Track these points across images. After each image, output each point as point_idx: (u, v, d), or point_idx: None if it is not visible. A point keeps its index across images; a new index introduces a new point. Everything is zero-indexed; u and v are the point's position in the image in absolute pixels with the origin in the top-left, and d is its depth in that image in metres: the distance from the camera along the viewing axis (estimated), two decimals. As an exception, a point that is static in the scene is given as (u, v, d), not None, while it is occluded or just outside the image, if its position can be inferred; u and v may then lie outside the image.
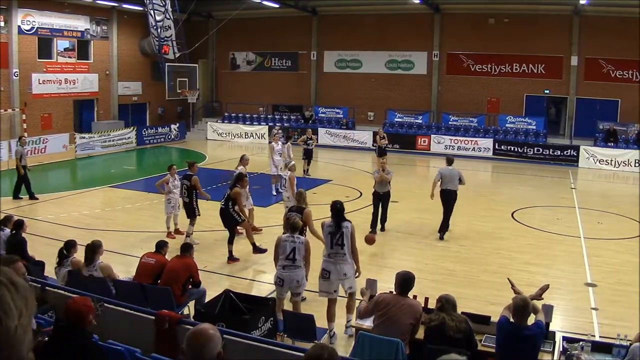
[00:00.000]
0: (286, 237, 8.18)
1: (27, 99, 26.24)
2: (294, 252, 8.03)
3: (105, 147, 26.48)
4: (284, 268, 8.08)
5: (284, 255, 8.07)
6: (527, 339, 5.59)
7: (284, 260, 8.07)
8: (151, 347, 5.61)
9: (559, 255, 12.48)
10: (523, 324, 5.66)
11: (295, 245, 8.05)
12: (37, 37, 26.75)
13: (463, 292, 9.46)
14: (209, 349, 3.26)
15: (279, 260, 8.13)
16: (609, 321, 8.78)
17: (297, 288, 8.13)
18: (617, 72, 26.62)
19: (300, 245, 8.06)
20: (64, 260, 8.52)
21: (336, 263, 8.16)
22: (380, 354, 5.97)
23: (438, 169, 13.67)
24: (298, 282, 8.08)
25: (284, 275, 8.07)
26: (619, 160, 24.15)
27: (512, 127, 27.81)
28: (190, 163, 13.22)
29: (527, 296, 5.97)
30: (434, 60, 29.91)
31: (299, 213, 9.40)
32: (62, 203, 16.51)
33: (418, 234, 13.78)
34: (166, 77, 28.58)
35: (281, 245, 8.12)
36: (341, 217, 8.27)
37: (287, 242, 8.10)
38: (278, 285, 8.20)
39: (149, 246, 9.44)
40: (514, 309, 5.68)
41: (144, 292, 7.83)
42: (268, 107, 33.21)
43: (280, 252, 8.12)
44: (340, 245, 8.14)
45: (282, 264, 8.09)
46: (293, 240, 8.10)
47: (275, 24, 32.41)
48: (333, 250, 8.18)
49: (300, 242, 8.11)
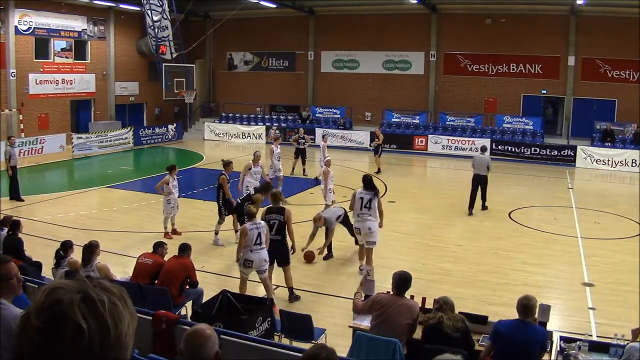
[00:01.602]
0: (250, 225, 9.10)
1: (24, 99, 26.18)
2: (260, 236, 9.07)
3: (103, 148, 26.42)
4: (253, 251, 9.04)
5: (252, 241, 9.02)
6: (530, 335, 5.59)
7: (252, 245, 9.02)
8: (148, 347, 5.61)
9: (556, 255, 12.49)
10: (527, 320, 5.67)
11: (259, 230, 9.09)
12: (34, 37, 26.67)
13: (460, 292, 9.47)
14: (207, 349, 3.27)
15: (249, 246, 9.02)
16: (606, 321, 8.79)
17: (263, 266, 9.16)
18: (614, 72, 26.66)
19: (262, 228, 9.13)
20: (61, 260, 8.52)
21: (364, 221, 10.43)
22: (377, 354, 5.97)
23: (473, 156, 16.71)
24: (266, 261, 9.17)
25: (254, 257, 9.05)
26: (616, 160, 24.18)
27: (509, 127, 27.83)
28: (225, 163, 13.11)
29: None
30: (431, 61, 29.93)
31: (280, 214, 9.52)
32: (59, 203, 16.48)
33: (415, 234, 13.80)
34: (163, 77, 28.54)
35: (249, 234, 9.02)
36: (372, 186, 10.53)
37: (253, 229, 9.07)
38: (247, 267, 9.18)
39: (146, 247, 9.43)
40: (519, 306, 5.68)
41: (141, 293, 7.82)
42: (265, 108, 33.18)
43: (248, 240, 9.01)
44: (367, 208, 10.39)
45: (251, 248, 9.03)
46: (257, 227, 9.11)
47: (272, 24, 32.41)
48: (362, 211, 10.44)
49: (262, 225, 9.19)
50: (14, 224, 9.55)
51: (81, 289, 1.33)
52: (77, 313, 1.28)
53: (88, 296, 1.32)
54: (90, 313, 1.30)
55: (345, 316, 8.23)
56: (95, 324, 1.29)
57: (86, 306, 1.30)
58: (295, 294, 9.61)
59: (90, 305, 1.31)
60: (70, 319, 1.27)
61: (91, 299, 1.32)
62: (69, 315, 1.28)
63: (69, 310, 1.28)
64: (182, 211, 13.57)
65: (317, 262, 11.74)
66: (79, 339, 1.27)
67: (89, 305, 1.31)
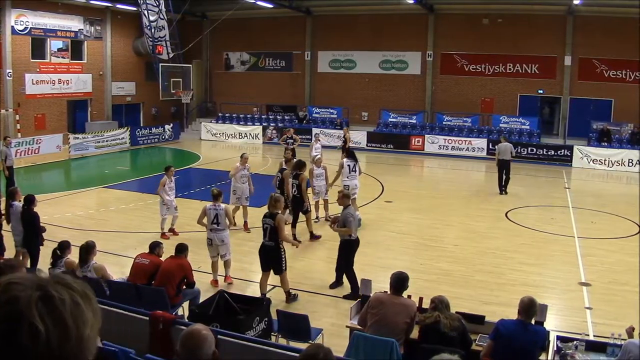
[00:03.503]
0: (210, 206, 10.12)
1: (20, 100, 26.15)
2: (217, 217, 9.99)
3: (99, 148, 26.39)
4: (212, 230, 10.07)
5: (209, 220, 10.02)
6: (531, 336, 5.60)
7: (210, 224, 10.03)
8: (145, 347, 5.60)
9: (553, 254, 12.51)
10: (528, 321, 5.68)
11: (217, 211, 10.03)
12: (31, 38, 26.64)
13: (458, 292, 9.48)
14: (204, 350, 3.26)
15: (207, 225, 10.08)
16: (603, 320, 8.80)
17: (222, 247, 10.11)
18: (610, 72, 26.71)
19: (221, 211, 10.03)
20: (57, 260, 8.51)
21: (352, 179, 14.08)
22: (375, 354, 5.97)
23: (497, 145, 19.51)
24: (223, 241, 10.09)
25: (212, 236, 10.08)
26: (613, 160, 24.22)
27: (506, 127, 27.85)
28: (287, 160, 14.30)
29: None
30: (428, 60, 29.95)
31: (272, 218, 9.22)
32: (56, 204, 16.43)
33: (413, 234, 13.80)
34: (160, 77, 28.49)
35: (207, 213, 10.06)
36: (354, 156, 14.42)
37: (211, 210, 10.07)
38: (208, 245, 10.20)
39: (143, 247, 9.42)
40: (521, 306, 5.69)
41: (138, 293, 7.81)
42: (262, 108, 33.18)
43: (207, 219, 10.06)
44: (354, 171, 14.15)
45: (210, 227, 10.05)
46: (215, 208, 10.06)
47: (269, 24, 32.40)
48: (350, 174, 14.06)
49: (221, 209, 10.07)
50: (28, 199, 10.03)
51: (40, 285, 1.22)
52: (35, 313, 1.17)
53: (47, 294, 1.20)
54: (49, 313, 1.18)
55: (343, 316, 8.22)
56: (54, 325, 1.18)
57: (45, 305, 1.19)
58: (293, 294, 9.55)
59: (50, 304, 1.19)
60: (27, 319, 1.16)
61: (51, 297, 1.20)
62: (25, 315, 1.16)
63: (25, 310, 1.17)
64: (180, 211, 13.52)
65: (315, 261, 11.76)
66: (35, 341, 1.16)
67: (48, 304, 1.19)
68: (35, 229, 9.97)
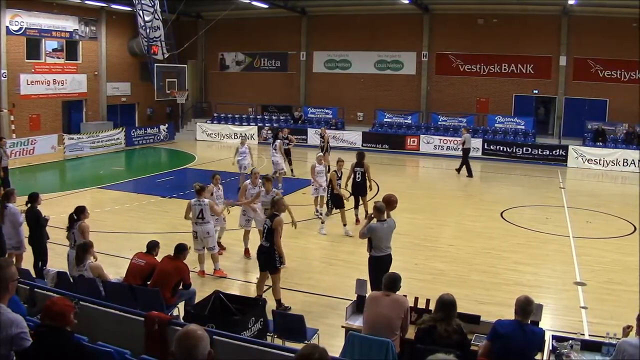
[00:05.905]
0: (194, 202, 10.60)
1: (15, 100, 26.07)
2: (202, 212, 10.50)
3: (94, 148, 26.34)
4: (197, 224, 10.56)
5: (194, 215, 10.55)
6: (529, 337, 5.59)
7: (195, 219, 10.55)
8: (141, 348, 5.58)
9: (548, 254, 12.53)
10: (525, 321, 5.67)
11: (202, 207, 10.53)
12: (26, 38, 26.57)
13: (453, 292, 9.34)
14: (200, 350, 3.26)
15: (192, 220, 10.60)
16: (598, 320, 8.82)
17: (207, 240, 10.58)
18: (605, 72, 26.81)
19: (205, 206, 10.53)
20: (74, 224, 9.19)
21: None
22: (370, 354, 5.96)
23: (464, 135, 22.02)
24: (208, 233, 10.58)
25: (197, 229, 10.57)
26: (608, 160, 24.30)
27: (501, 127, 27.93)
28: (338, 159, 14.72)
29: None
30: (423, 61, 30.01)
31: (270, 219, 9.00)
32: (51, 204, 16.33)
33: (408, 234, 13.79)
34: (155, 77, 28.43)
35: (192, 209, 10.60)
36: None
37: (196, 206, 10.57)
38: (194, 238, 10.58)
39: (139, 247, 9.38)
40: (518, 305, 5.67)
41: (134, 293, 7.79)
42: (257, 108, 33.17)
43: (192, 214, 10.59)
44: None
45: (195, 221, 10.57)
46: (199, 204, 10.56)
47: (264, 25, 32.39)
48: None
49: (205, 203, 10.55)
50: (32, 197, 10.10)
51: None
52: None
53: None
54: None
55: (338, 316, 8.20)
56: None
57: None
58: (284, 305, 9.08)
59: None
60: None
61: None
62: None
63: None
64: (175, 211, 13.51)
65: (311, 261, 11.76)
66: None
67: None
68: (40, 226, 10.04)
